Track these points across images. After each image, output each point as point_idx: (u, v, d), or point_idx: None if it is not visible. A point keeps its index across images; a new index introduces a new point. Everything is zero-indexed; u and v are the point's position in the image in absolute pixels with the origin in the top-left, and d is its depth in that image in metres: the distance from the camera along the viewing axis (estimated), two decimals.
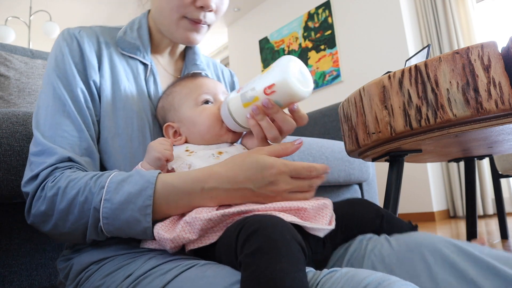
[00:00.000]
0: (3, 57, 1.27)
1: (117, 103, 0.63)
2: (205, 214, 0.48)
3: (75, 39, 0.64)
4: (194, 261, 0.47)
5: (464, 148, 1.02)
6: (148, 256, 0.51)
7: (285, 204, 0.50)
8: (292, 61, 0.54)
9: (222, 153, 0.60)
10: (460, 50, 0.71)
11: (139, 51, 0.69)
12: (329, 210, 0.52)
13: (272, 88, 0.53)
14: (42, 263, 0.81)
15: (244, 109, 0.57)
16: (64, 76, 0.61)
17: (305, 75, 0.55)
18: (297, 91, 0.53)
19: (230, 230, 0.44)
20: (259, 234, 0.38)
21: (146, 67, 0.69)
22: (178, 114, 0.64)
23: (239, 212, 0.48)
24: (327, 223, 0.51)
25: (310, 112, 2.10)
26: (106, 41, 0.67)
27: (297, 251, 0.38)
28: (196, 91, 0.64)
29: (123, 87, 0.64)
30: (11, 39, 3.63)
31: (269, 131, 0.56)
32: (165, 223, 0.51)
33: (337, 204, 0.58)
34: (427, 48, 1.08)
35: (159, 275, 0.45)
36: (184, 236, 0.48)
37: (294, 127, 0.57)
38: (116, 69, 0.65)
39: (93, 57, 0.64)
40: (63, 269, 0.60)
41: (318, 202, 0.52)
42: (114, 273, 0.50)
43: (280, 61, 0.54)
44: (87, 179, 0.52)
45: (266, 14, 4.61)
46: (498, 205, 1.92)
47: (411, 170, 3.01)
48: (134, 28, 0.70)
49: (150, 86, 0.68)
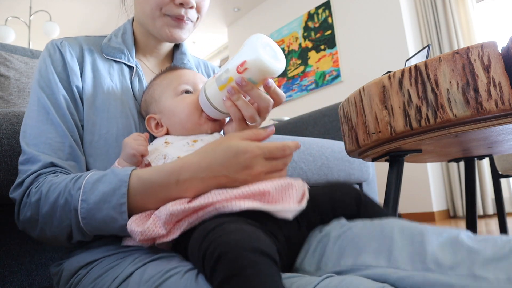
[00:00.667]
0: (3, 57, 1.27)
1: (100, 105, 0.63)
2: (169, 207, 0.47)
3: (57, 49, 0.66)
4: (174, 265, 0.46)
5: (464, 148, 1.02)
6: (135, 256, 0.51)
7: (245, 189, 0.48)
8: (262, 38, 0.54)
9: (196, 141, 0.60)
10: (460, 50, 0.71)
11: (124, 54, 0.70)
12: (295, 189, 0.51)
13: (244, 65, 0.53)
14: (42, 263, 0.81)
15: (221, 93, 0.57)
16: (47, 85, 0.62)
17: (276, 51, 0.55)
18: (268, 65, 0.53)
19: (194, 247, 0.43)
20: (222, 262, 0.37)
21: (132, 69, 0.70)
22: (158, 105, 0.64)
23: (200, 207, 0.47)
24: (295, 203, 0.50)
25: (310, 112, 2.10)
26: (89, 48, 0.69)
27: (266, 266, 0.37)
28: (175, 81, 0.65)
29: (106, 89, 0.65)
30: (11, 39, 3.63)
31: (246, 110, 0.56)
32: (140, 216, 0.51)
33: (318, 187, 0.58)
34: (427, 48, 1.08)
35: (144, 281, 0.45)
36: (154, 230, 0.47)
37: (271, 104, 0.57)
38: (99, 73, 0.66)
39: (75, 64, 0.65)
40: (55, 275, 0.60)
41: (281, 182, 0.50)
42: (102, 276, 0.51)
43: (250, 39, 0.55)
44: (66, 182, 0.52)
45: (266, 14, 4.61)
46: (498, 205, 1.92)
47: (411, 170, 3.01)
48: (119, 34, 0.72)
49: (135, 85, 0.69)
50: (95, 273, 0.52)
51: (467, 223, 1.44)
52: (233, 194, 0.48)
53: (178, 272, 0.44)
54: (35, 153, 0.57)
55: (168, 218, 0.47)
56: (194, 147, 0.57)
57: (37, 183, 0.55)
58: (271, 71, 0.54)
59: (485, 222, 2.60)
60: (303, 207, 0.50)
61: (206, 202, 0.47)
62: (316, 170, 1.47)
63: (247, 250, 0.37)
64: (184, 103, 0.62)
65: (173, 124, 0.63)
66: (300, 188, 0.52)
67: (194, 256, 0.43)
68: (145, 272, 0.46)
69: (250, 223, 0.43)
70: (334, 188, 0.58)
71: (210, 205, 0.47)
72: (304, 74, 4.06)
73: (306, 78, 4.03)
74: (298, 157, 1.40)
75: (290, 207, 0.49)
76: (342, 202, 0.56)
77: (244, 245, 0.38)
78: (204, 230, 0.42)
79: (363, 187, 1.80)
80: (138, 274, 0.47)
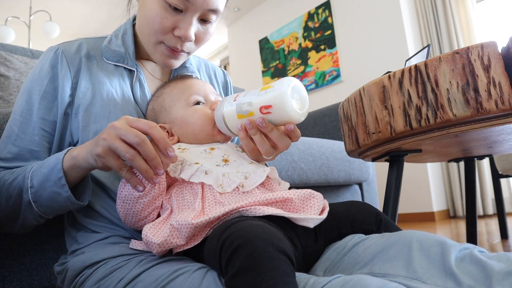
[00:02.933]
0: (3, 57, 1.27)
1: (100, 112, 0.63)
2: (191, 220, 0.47)
3: (48, 59, 0.65)
4: (183, 265, 0.47)
5: (464, 148, 1.02)
6: (140, 258, 0.51)
7: (269, 196, 0.49)
8: (292, 84, 0.54)
9: (214, 149, 0.60)
10: (460, 50, 0.71)
11: (124, 58, 0.68)
12: (317, 200, 0.52)
13: (268, 109, 0.53)
14: (42, 263, 0.81)
15: (237, 120, 0.57)
16: (28, 91, 0.63)
17: (303, 98, 0.55)
18: (292, 116, 0.53)
19: (213, 239, 0.43)
20: (239, 253, 0.37)
21: (132, 73, 0.69)
22: (169, 115, 0.64)
23: (224, 214, 0.48)
24: (317, 213, 0.50)
25: (310, 112, 2.10)
26: (88, 53, 0.67)
27: (283, 263, 0.37)
28: (187, 92, 0.65)
29: (106, 95, 0.64)
30: (11, 39, 3.63)
31: (261, 146, 0.57)
32: (154, 225, 0.51)
33: (337, 203, 0.58)
34: (427, 48, 1.08)
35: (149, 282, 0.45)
36: (172, 241, 0.48)
37: (290, 144, 0.58)
38: (98, 79, 0.65)
39: (68, 73, 0.64)
40: (59, 274, 0.60)
41: (304, 192, 0.51)
42: (107, 277, 0.50)
43: (281, 83, 0.54)
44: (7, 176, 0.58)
45: (266, 14, 4.61)
46: (498, 205, 1.92)
47: (411, 170, 3.01)
48: (119, 35, 0.71)
49: (137, 91, 0.68)
50: (100, 274, 0.52)
51: (467, 223, 1.44)
52: (257, 199, 0.49)
53: (187, 271, 0.44)
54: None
55: (191, 231, 0.48)
56: (212, 155, 0.59)
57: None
58: (294, 120, 0.54)
59: (485, 222, 2.60)
60: (324, 218, 0.51)
61: (230, 209, 0.48)
62: (316, 170, 1.47)
63: (266, 245, 0.37)
64: (197, 115, 0.63)
65: (186, 134, 0.63)
66: (321, 200, 0.53)
67: (211, 247, 0.43)
68: (152, 274, 0.46)
69: (271, 224, 0.44)
70: (354, 205, 0.58)
71: (234, 211, 0.48)
72: (304, 74, 4.06)
73: (306, 78, 4.03)
74: (298, 157, 1.40)
75: (311, 216, 0.49)
76: (361, 219, 0.56)
77: (263, 240, 0.38)
78: (226, 222, 0.43)
79: (363, 187, 1.80)
80: (145, 276, 0.47)
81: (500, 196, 1.93)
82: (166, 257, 0.50)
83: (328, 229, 0.54)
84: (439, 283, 0.40)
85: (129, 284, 0.47)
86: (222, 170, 0.56)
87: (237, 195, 0.53)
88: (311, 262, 0.54)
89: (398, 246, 0.46)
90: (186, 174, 0.54)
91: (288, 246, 0.39)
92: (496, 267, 0.39)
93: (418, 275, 0.41)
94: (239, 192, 0.53)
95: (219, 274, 0.43)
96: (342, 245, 0.52)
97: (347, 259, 0.50)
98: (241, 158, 0.60)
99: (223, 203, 0.51)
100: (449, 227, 2.47)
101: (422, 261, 0.43)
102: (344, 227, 0.55)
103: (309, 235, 0.52)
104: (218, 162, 0.58)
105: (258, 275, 0.35)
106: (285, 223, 0.49)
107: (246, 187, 0.53)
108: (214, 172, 0.55)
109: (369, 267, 0.46)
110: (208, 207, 0.51)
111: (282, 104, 0.52)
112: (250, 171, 0.56)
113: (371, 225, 0.56)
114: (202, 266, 0.45)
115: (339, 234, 0.55)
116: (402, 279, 0.42)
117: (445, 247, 0.43)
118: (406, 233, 0.48)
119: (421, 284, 0.40)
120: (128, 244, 0.57)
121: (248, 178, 0.55)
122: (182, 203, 0.54)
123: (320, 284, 0.39)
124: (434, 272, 0.41)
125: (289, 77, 0.55)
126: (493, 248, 1.60)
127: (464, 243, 0.46)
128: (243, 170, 0.57)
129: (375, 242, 0.49)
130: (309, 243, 0.52)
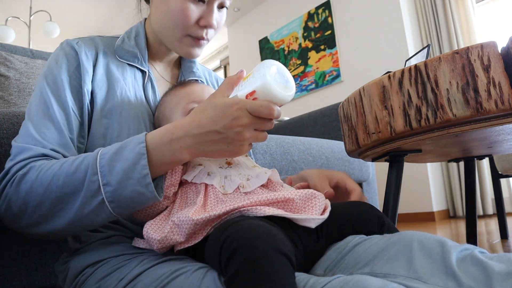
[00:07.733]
0: (3, 57, 1.27)
1: (113, 108, 0.63)
2: (192, 216, 0.47)
3: (73, 49, 0.65)
4: (183, 264, 0.46)
5: (464, 148, 1.03)
6: (142, 258, 0.51)
7: (271, 196, 0.50)
8: (272, 66, 0.54)
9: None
10: (460, 50, 0.71)
11: (137, 58, 0.70)
12: (318, 200, 0.52)
13: (253, 95, 0.53)
14: (42, 263, 0.81)
15: None
16: (54, 81, 0.61)
17: (286, 79, 0.55)
18: (278, 96, 0.53)
19: (214, 239, 0.43)
20: (238, 255, 0.37)
21: (144, 74, 0.71)
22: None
23: (225, 212, 0.48)
24: (318, 213, 0.50)
25: (310, 112, 2.10)
26: (104, 50, 0.69)
27: (282, 265, 0.36)
28: (184, 100, 0.66)
29: (120, 92, 0.65)
30: (11, 39, 3.63)
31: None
32: (155, 221, 0.51)
33: (340, 203, 0.58)
34: (427, 48, 1.08)
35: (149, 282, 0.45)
36: (172, 238, 0.48)
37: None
38: (113, 76, 0.66)
39: (90, 66, 0.64)
40: (61, 272, 0.60)
41: (305, 192, 0.51)
42: (108, 277, 0.50)
43: (260, 67, 0.54)
44: (60, 164, 0.51)
45: (266, 14, 4.61)
46: (498, 205, 1.92)
47: (411, 170, 3.01)
48: (132, 37, 0.72)
49: (148, 92, 0.69)
50: (101, 273, 0.52)
51: (467, 223, 1.44)
52: (258, 199, 0.49)
53: (187, 271, 0.44)
54: (25, 146, 0.55)
55: (191, 228, 0.48)
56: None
57: (25, 169, 0.52)
58: (281, 100, 0.54)
59: (485, 222, 2.60)
60: (325, 218, 0.51)
61: (231, 208, 0.48)
62: None
63: (266, 246, 0.37)
64: None
65: None
66: (323, 200, 0.52)
67: (211, 247, 0.43)
68: (153, 274, 0.46)
69: (273, 224, 0.44)
70: (356, 207, 0.58)
71: (235, 210, 0.48)
72: (304, 74, 4.06)
73: (306, 78, 4.03)
74: (298, 157, 1.40)
75: (312, 216, 0.49)
76: (363, 220, 0.56)
77: (263, 241, 0.37)
78: (226, 222, 0.43)
79: (363, 187, 1.80)
80: (145, 276, 0.47)
81: (500, 196, 1.93)
82: (167, 257, 0.50)
83: (330, 229, 0.54)
84: (440, 284, 0.40)
85: (130, 283, 0.47)
86: (224, 172, 0.57)
87: (238, 196, 0.53)
88: (312, 261, 0.54)
89: (399, 246, 0.46)
90: (189, 176, 0.56)
91: (289, 247, 0.39)
92: (496, 268, 0.39)
93: (419, 275, 0.41)
94: (240, 192, 0.54)
95: (219, 274, 0.43)
96: (343, 245, 0.52)
97: (348, 259, 0.50)
98: (244, 161, 0.61)
99: (225, 201, 0.51)
100: (449, 227, 2.47)
101: (423, 262, 0.43)
102: (346, 228, 0.55)
103: (310, 235, 0.52)
104: (221, 164, 0.59)
105: (256, 278, 0.35)
106: (286, 223, 0.49)
107: (247, 187, 0.54)
108: (216, 174, 0.56)
109: (370, 267, 0.46)
110: (209, 204, 0.51)
111: (264, 85, 0.52)
112: (252, 174, 0.57)
113: (373, 228, 0.56)
114: (202, 266, 0.46)
115: (341, 235, 0.55)
116: (402, 279, 0.42)
117: (446, 247, 0.43)
118: (407, 234, 0.48)
119: (422, 285, 0.40)
120: (130, 243, 0.57)
121: (249, 180, 0.56)
122: (185, 201, 0.54)
123: (320, 284, 0.39)
124: (435, 272, 0.41)
125: (269, 60, 0.56)
126: (493, 248, 1.60)
127: (464, 243, 0.46)
128: (245, 173, 0.58)
129: (376, 242, 0.49)
130: (310, 243, 0.52)
